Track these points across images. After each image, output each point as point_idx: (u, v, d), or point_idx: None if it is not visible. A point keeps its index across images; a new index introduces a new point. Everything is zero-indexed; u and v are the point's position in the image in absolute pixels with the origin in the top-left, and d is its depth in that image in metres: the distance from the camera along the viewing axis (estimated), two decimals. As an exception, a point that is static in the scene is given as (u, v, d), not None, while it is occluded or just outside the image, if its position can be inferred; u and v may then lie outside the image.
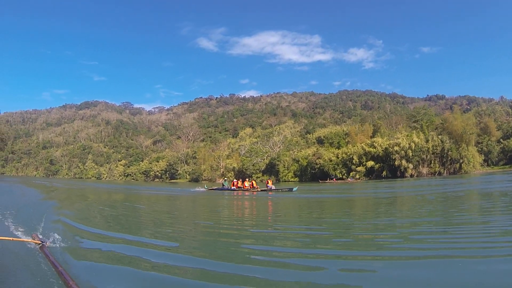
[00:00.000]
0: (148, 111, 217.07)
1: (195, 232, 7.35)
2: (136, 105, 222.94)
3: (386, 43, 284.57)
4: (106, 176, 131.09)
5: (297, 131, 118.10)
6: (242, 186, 29.28)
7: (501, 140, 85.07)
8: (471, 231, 6.65)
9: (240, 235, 6.87)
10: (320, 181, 64.91)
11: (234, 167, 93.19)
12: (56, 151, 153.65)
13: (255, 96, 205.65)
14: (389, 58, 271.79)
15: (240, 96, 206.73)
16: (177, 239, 6.27)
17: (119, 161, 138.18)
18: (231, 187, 30.03)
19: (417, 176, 64.30)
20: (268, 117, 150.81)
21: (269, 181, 30.32)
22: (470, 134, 69.60)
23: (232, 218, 10.26)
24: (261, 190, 27.26)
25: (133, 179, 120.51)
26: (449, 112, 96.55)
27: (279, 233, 7.09)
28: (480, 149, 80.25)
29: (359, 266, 4.29)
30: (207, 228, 7.86)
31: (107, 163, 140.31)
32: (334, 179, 64.88)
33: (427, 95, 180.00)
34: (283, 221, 9.43)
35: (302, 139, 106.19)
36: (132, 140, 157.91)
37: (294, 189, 25.98)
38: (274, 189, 27.30)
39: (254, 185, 29.34)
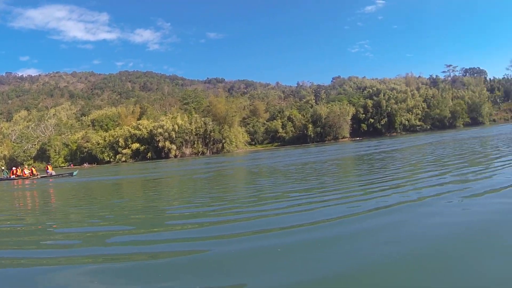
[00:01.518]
0: None
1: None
2: None
3: (174, 25, 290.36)
4: None
5: (73, 113, 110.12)
6: (22, 175, 28.62)
7: (266, 122, 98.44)
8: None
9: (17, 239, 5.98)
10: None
11: (5, 155, 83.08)
12: None
13: (33, 75, 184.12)
14: (175, 40, 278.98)
15: (17, 75, 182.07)
16: None
17: None
18: (10, 176, 29.18)
19: (181, 156, 67.99)
20: (45, 98, 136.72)
21: (48, 166, 30.37)
22: (233, 116, 77.61)
23: (11, 217, 8.77)
24: (42, 177, 27.09)
25: None
26: (227, 95, 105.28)
27: (59, 231, 6.51)
28: (248, 130, 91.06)
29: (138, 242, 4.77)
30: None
31: None
32: (72, 165, 64.20)
33: (207, 78, 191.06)
34: (67, 211, 8.96)
35: (77, 121, 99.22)
36: None
37: (74, 173, 26.80)
38: (54, 175, 27.51)
39: (34, 172, 28.92)
